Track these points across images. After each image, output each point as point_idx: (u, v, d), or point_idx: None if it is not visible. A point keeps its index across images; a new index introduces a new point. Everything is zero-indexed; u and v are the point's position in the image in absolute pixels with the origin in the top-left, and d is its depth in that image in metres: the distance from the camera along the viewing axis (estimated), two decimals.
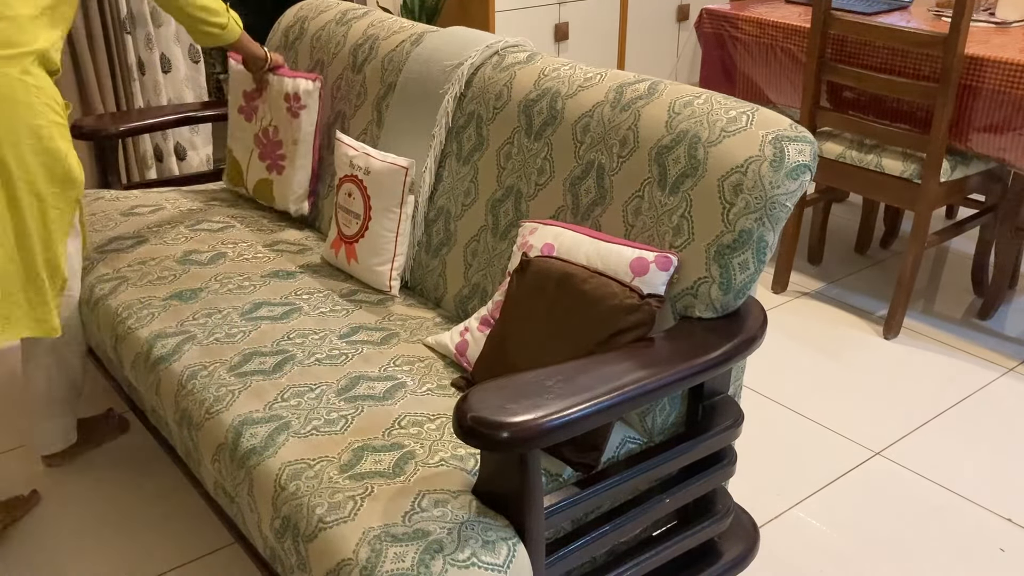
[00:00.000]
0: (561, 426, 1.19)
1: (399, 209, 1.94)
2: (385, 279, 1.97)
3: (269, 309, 1.87)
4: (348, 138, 2.04)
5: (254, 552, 1.63)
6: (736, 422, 1.51)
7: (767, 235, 1.44)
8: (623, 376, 1.29)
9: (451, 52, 2.02)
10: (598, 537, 1.37)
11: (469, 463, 1.40)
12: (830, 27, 2.74)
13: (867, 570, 1.92)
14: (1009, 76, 2.46)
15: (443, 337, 1.74)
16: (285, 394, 1.58)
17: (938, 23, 2.89)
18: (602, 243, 1.52)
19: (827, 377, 2.61)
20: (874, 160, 2.77)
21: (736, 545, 1.63)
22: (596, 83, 1.73)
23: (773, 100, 3.14)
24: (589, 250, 1.52)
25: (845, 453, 2.29)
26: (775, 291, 3.11)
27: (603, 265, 1.49)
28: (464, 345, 1.68)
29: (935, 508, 2.10)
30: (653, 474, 1.43)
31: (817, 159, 1.48)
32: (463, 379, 1.64)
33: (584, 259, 1.52)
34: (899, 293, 2.78)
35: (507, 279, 1.64)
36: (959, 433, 2.36)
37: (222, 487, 1.66)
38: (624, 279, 1.46)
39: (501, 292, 1.66)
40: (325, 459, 1.42)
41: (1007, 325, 2.89)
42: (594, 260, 1.51)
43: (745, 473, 2.19)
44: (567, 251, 1.55)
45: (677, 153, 1.53)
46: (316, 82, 2.26)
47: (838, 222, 3.65)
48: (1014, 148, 2.51)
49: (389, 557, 1.21)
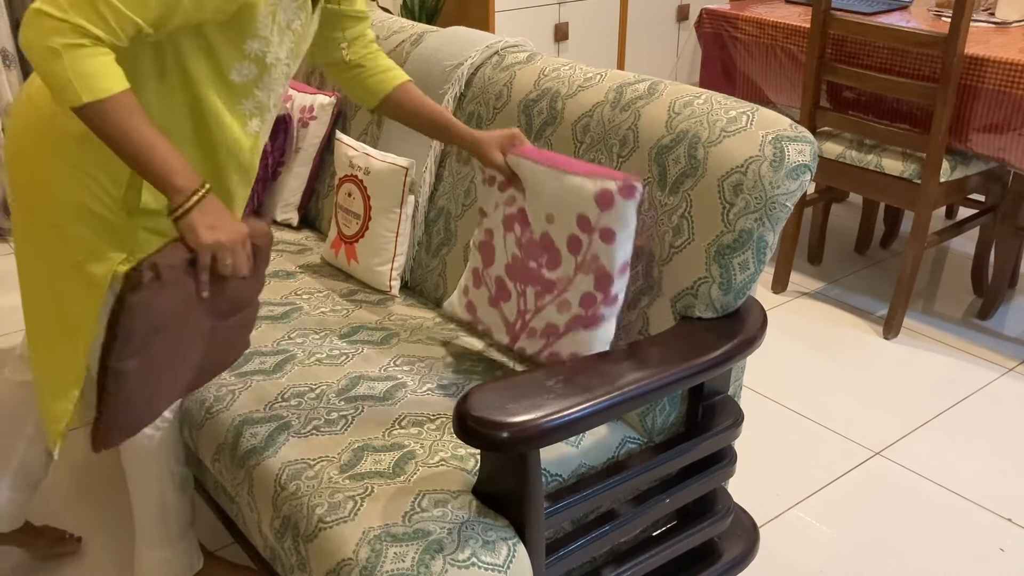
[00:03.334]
0: (561, 426, 1.19)
1: (399, 209, 1.94)
2: (385, 279, 1.97)
3: (269, 309, 1.87)
4: (348, 138, 2.04)
5: (254, 552, 1.63)
6: (736, 422, 1.51)
7: (767, 235, 1.44)
8: (623, 376, 1.29)
9: (451, 52, 2.02)
10: (598, 537, 1.37)
11: (469, 463, 1.40)
12: (830, 27, 2.74)
13: (867, 570, 1.92)
14: (1009, 76, 2.46)
15: (453, 301, 1.75)
16: (285, 394, 1.59)
17: (938, 23, 2.89)
18: (564, 176, 1.48)
19: (827, 377, 2.61)
20: (874, 160, 2.77)
21: (736, 545, 1.63)
22: (596, 83, 1.73)
23: (773, 100, 3.14)
24: (552, 187, 1.49)
25: (845, 453, 2.29)
26: (775, 291, 3.11)
27: (569, 203, 1.46)
28: (472, 306, 1.69)
29: (935, 508, 2.10)
30: (653, 474, 1.43)
31: (817, 159, 1.48)
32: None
33: (549, 198, 1.49)
34: (899, 293, 2.78)
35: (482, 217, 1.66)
36: (959, 433, 2.36)
37: (222, 487, 1.66)
38: (592, 216, 1.44)
39: (481, 231, 1.67)
40: (325, 459, 1.42)
41: (1007, 325, 2.89)
42: (560, 198, 1.48)
43: (745, 473, 2.19)
44: (533, 190, 1.53)
45: (677, 153, 1.53)
46: (332, 98, 2.27)
47: (838, 222, 3.65)
48: (1014, 148, 2.51)
49: (389, 557, 1.21)
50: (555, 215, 1.50)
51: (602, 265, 1.46)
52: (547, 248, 1.52)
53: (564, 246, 1.49)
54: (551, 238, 1.51)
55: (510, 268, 1.59)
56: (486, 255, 1.65)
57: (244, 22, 1.34)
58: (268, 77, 1.43)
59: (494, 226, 1.63)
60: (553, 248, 1.51)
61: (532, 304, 1.56)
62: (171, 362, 1.37)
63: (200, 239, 1.29)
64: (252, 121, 1.47)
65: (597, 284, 1.47)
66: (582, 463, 1.45)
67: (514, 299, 1.59)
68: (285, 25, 1.41)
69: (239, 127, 1.45)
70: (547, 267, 1.52)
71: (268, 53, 1.40)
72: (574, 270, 1.49)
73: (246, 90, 1.42)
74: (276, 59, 1.42)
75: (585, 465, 1.45)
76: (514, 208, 1.58)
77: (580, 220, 1.46)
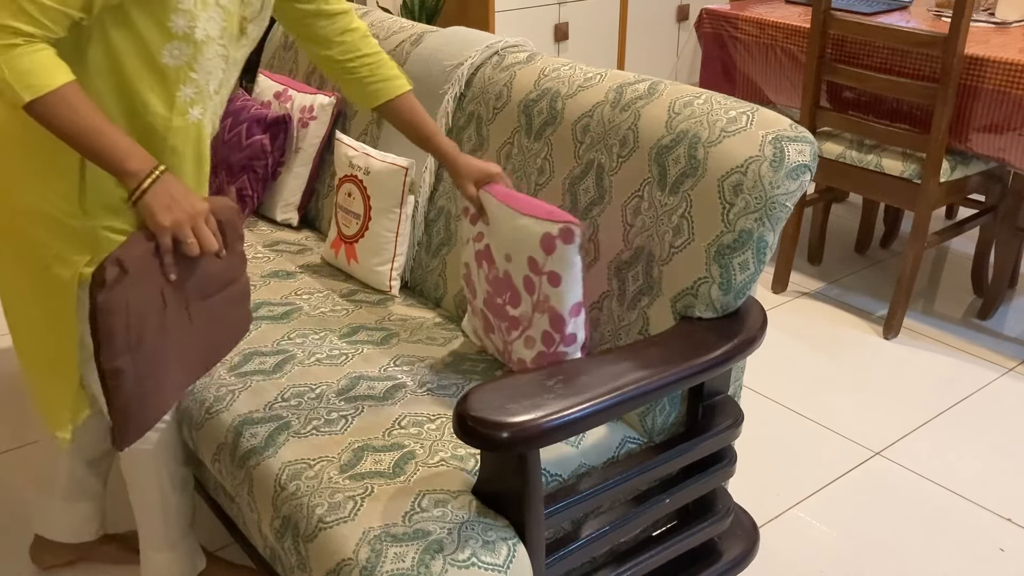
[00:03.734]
0: (561, 426, 1.19)
1: (399, 209, 1.94)
2: (385, 279, 1.97)
3: (269, 309, 1.87)
4: (348, 138, 2.04)
5: (254, 552, 1.63)
6: (736, 422, 1.51)
7: (767, 235, 1.44)
8: (623, 376, 1.29)
9: (451, 52, 2.02)
10: (598, 537, 1.37)
11: (469, 463, 1.40)
12: (830, 27, 2.74)
13: (867, 570, 1.92)
14: (1009, 76, 2.46)
15: (466, 326, 1.77)
16: (285, 394, 1.58)
17: (938, 23, 2.89)
18: (518, 217, 1.51)
19: (827, 377, 2.61)
20: (874, 160, 2.77)
21: (736, 545, 1.63)
22: (596, 83, 1.73)
23: (773, 100, 3.14)
24: (508, 228, 1.52)
25: (845, 453, 2.29)
26: (775, 291, 3.11)
27: (522, 244, 1.49)
28: (477, 334, 1.72)
29: (935, 508, 2.10)
30: (653, 474, 1.43)
31: (817, 159, 1.48)
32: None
33: (506, 238, 1.52)
34: (899, 293, 2.78)
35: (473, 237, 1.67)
36: (959, 433, 2.36)
37: (222, 487, 1.66)
38: (539, 259, 1.47)
39: (462, 264, 1.69)
40: (325, 459, 1.42)
41: (1007, 325, 2.89)
42: (513, 239, 1.50)
43: (745, 473, 2.19)
44: (494, 227, 1.56)
45: (677, 153, 1.53)
46: (332, 98, 2.27)
47: (838, 222, 3.65)
48: (1014, 148, 2.51)
49: (389, 557, 1.21)
50: (512, 255, 1.53)
51: (553, 307, 1.49)
52: (509, 286, 1.55)
53: (520, 285, 1.53)
54: (511, 276, 1.54)
55: (487, 302, 1.63)
56: (470, 288, 1.69)
57: None
58: (202, 56, 1.37)
59: (470, 260, 1.66)
60: (513, 286, 1.55)
61: (508, 337, 1.60)
62: (168, 351, 1.37)
63: (157, 220, 1.28)
64: (194, 109, 1.42)
65: (552, 324, 1.51)
66: (582, 463, 1.45)
67: (497, 330, 1.63)
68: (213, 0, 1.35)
69: (178, 114, 1.39)
70: (511, 304, 1.56)
71: (196, 28, 1.34)
72: (531, 309, 1.53)
73: (182, 74, 1.37)
74: (207, 35, 1.36)
75: (585, 465, 1.45)
76: (482, 244, 1.61)
77: (530, 262, 1.50)
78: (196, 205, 1.32)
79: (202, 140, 1.46)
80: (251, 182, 2.29)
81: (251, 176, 2.29)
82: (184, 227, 1.30)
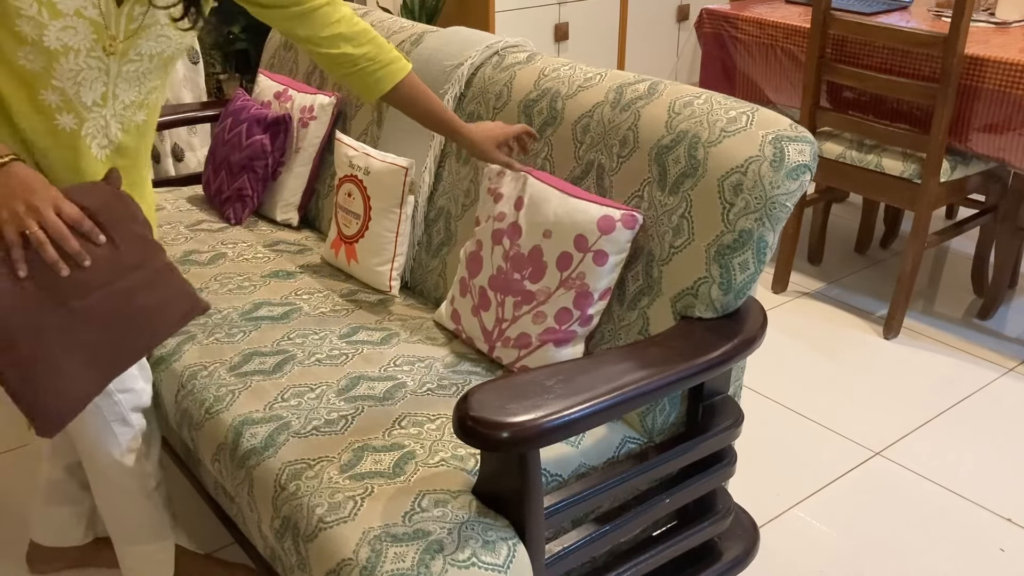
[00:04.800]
0: (561, 426, 1.19)
1: (399, 209, 1.94)
2: (385, 279, 1.97)
3: (269, 309, 1.87)
4: (348, 138, 2.04)
5: (254, 552, 1.63)
6: (736, 422, 1.51)
7: (767, 235, 1.44)
8: (623, 376, 1.29)
9: (451, 52, 2.02)
10: (598, 537, 1.37)
11: (469, 463, 1.40)
12: (830, 27, 2.74)
13: (867, 570, 1.92)
14: (1009, 76, 2.46)
15: (442, 311, 1.83)
16: (285, 394, 1.58)
17: (938, 23, 2.89)
18: (570, 199, 1.57)
19: (827, 377, 2.61)
20: (874, 160, 2.77)
21: (736, 545, 1.63)
22: (596, 83, 1.73)
23: (773, 100, 3.14)
24: (557, 206, 1.57)
25: (845, 453, 2.29)
26: (775, 291, 3.11)
27: (570, 222, 1.54)
28: (456, 315, 1.76)
29: (935, 508, 2.10)
30: (653, 474, 1.43)
31: (817, 159, 1.48)
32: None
33: (552, 216, 1.57)
34: (899, 293, 2.78)
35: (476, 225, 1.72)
36: (959, 433, 2.36)
37: (222, 487, 1.66)
38: (591, 237, 1.52)
39: (472, 241, 1.72)
40: (325, 459, 1.41)
41: (1007, 325, 2.89)
42: (561, 217, 1.56)
43: (745, 473, 2.19)
44: (536, 206, 1.60)
45: (677, 153, 1.53)
46: (332, 98, 2.27)
47: (838, 222, 3.65)
48: (1014, 148, 2.51)
49: (389, 557, 1.21)
50: (553, 231, 1.57)
51: (586, 284, 1.54)
52: (534, 261, 1.59)
53: (553, 261, 1.57)
54: (541, 252, 1.58)
55: (493, 279, 1.66)
56: (473, 266, 1.71)
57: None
58: (59, 66, 1.32)
59: (484, 238, 1.69)
60: (540, 262, 1.58)
61: (510, 313, 1.62)
62: (52, 350, 1.27)
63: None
64: (63, 116, 1.36)
65: (576, 302, 1.55)
66: (582, 463, 1.45)
67: (493, 308, 1.65)
68: (71, 11, 1.30)
69: (45, 117, 1.35)
70: (529, 279, 1.60)
71: (44, 36, 1.29)
72: (557, 284, 1.56)
73: (40, 80, 1.33)
74: (64, 45, 1.30)
75: (585, 465, 1.45)
76: (504, 223, 1.64)
77: (577, 239, 1.54)
78: (42, 195, 1.22)
79: (80, 153, 1.39)
80: (251, 182, 2.29)
81: (251, 176, 2.29)
82: (23, 218, 1.21)
